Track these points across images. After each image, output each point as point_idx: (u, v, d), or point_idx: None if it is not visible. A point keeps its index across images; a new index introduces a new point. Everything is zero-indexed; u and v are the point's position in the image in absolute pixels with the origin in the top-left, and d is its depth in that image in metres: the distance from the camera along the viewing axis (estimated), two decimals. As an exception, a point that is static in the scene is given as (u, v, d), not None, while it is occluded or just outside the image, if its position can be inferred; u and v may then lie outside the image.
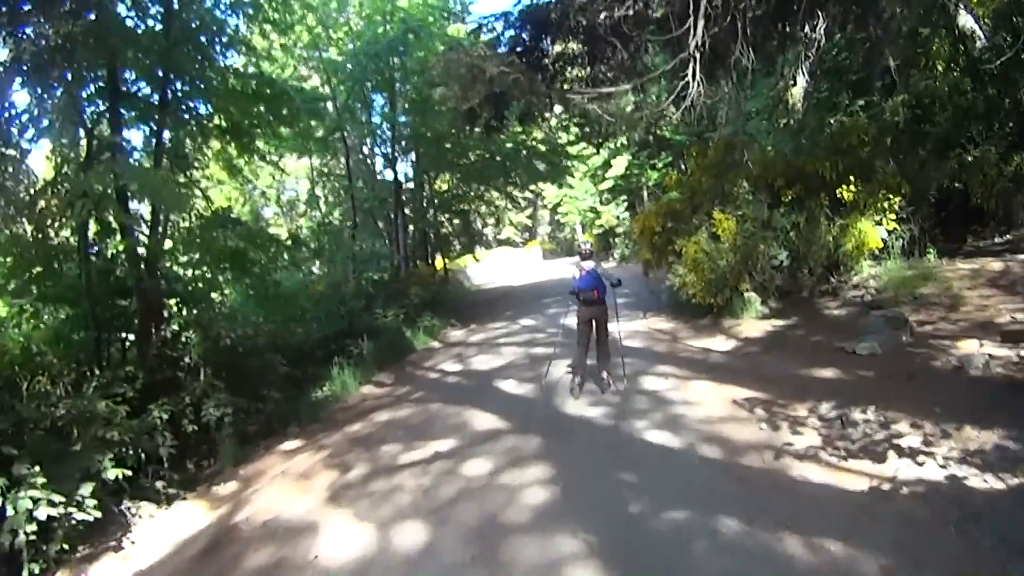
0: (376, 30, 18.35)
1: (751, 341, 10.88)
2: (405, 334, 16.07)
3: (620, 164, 33.39)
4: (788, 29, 11.34)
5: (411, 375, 12.97)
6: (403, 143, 22.14)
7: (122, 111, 9.95)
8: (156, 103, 10.44)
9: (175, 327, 9.54)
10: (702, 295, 12.26)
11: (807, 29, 11.32)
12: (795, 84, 16.46)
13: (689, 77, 8.90)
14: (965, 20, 12.01)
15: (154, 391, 8.71)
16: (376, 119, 20.64)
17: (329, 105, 19.26)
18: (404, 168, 25.73)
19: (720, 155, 13.54)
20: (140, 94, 10.56)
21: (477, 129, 13.48)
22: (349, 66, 18.31)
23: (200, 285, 10.84)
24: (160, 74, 10.24)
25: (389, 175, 25.91)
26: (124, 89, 10.18)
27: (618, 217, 35.09)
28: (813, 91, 16.70)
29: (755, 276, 12.13)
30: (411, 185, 25.90)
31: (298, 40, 18.24)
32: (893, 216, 11.67)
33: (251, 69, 13.06)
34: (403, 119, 20.78)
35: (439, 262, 31.10)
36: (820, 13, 10.88)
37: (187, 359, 9.55)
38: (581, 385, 8.95)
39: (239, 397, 9.67)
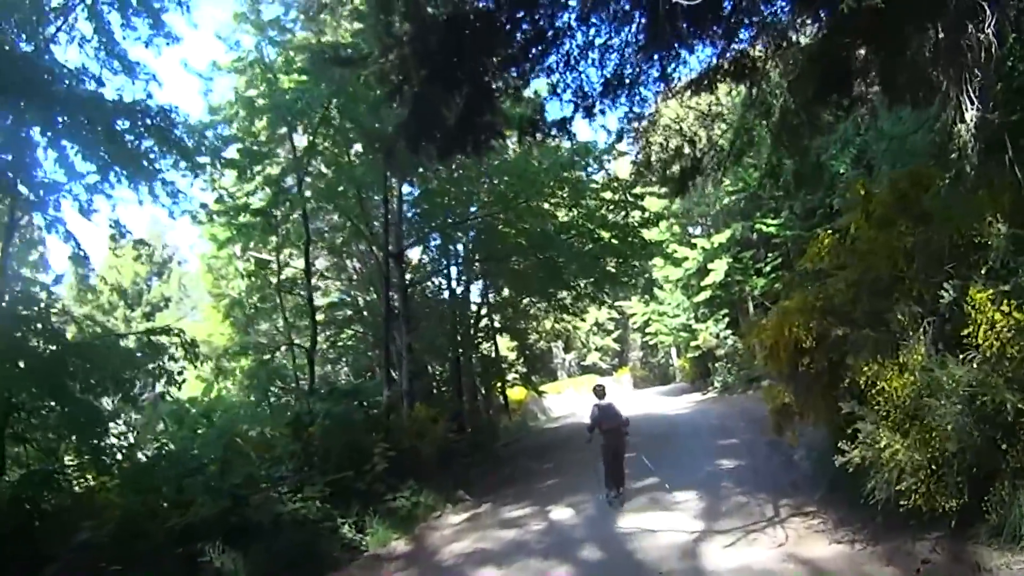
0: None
1: None
2: (339, 530, 9.26)
3: (719, 268, 26.31)
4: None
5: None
6: (406, 221, 15.98)
7: None
8: None
9: None
10: (929, 490, 5.05)
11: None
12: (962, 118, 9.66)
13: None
14: None
15: None
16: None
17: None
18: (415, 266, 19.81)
19: (902, 195, 6.56)
20: None
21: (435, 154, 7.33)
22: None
23: None
24: None
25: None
26: None
27: (718, 336, 27.52)
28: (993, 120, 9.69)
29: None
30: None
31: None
32: None
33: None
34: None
35: (496, 394, 24.65)
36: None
37: None
38: (617, 497, 9.39)
39: None
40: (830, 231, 7.64)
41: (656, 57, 6.83)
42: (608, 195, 16.09)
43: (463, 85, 6.29)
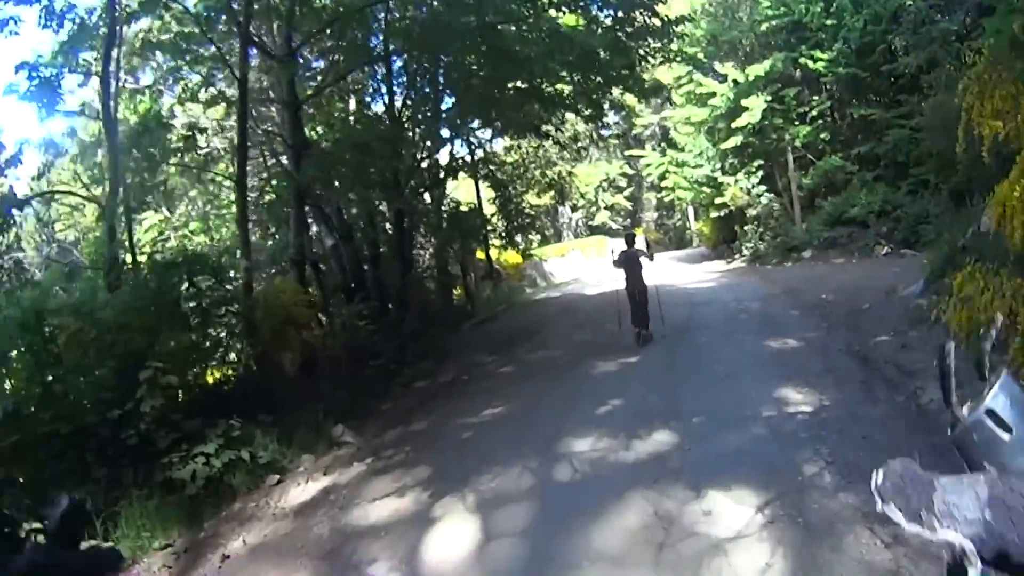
0: None
1: None
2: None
3: (754, 108, 20.50)
4: None
5: None
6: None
7: None
8: None
9: None
10: None
11: None
12: None
13: None
14: None
15: None
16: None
17: None
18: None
19: None
20: None
21: None
22: None
23: None
24: None
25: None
26: None
27: (749, 192, 22.15)
28: None
29: None
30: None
31: None
32: None
33: None
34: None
35: (481, 255, 20.98)
36: None
37: None
38: (639, 336, 9.82)
39: None
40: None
41: None
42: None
43: None
